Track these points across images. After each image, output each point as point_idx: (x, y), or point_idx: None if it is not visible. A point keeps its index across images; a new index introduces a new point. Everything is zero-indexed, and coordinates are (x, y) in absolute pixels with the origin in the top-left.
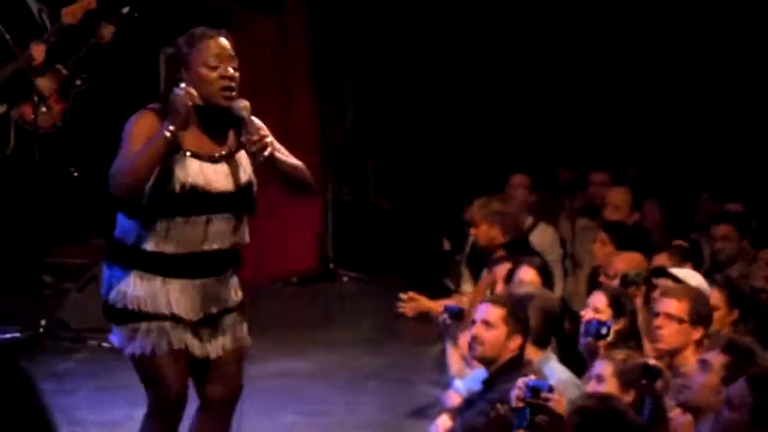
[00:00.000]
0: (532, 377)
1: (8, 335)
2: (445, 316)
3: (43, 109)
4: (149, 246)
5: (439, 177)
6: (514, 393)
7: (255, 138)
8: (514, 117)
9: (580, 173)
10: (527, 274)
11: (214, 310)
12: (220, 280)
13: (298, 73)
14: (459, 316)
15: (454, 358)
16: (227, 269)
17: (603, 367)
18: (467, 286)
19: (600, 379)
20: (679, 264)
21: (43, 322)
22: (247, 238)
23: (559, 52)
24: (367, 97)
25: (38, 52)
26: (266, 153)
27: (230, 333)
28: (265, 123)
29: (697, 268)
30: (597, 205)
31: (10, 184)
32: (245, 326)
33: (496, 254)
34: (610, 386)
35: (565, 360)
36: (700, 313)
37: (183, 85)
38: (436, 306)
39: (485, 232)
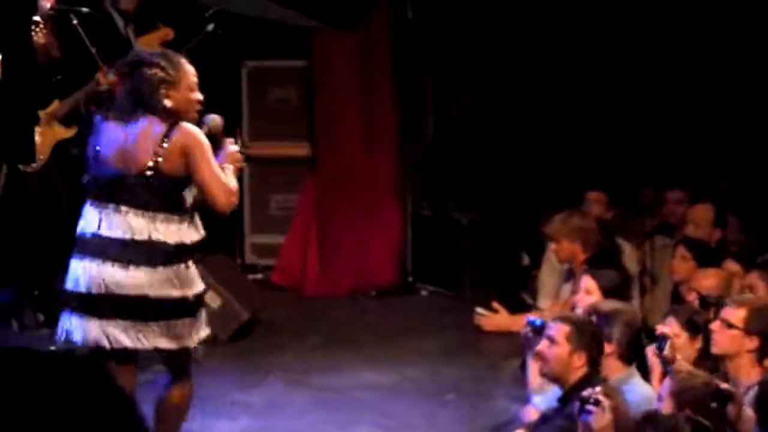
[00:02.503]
0: (598, 389)
1: None
2: (528, 329)
3: None
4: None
5: (518, 191)
6: (575, 406)
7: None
8: (597, 131)
9: (663, 192)
10: (586, 283)
11: None
12: None
13: (379, 85)
14: (541, 331)
15: (534, 373)
16: None
17: (666, 385)
18: (544, 302)
19: (660, 398)
20: None
21: None
22: None
23: (649, 69)
24: (448, 110)
25: (102, 75)
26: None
27: None
28: (348, 133)
29: None
30: (672, 222)
31: None
32: None
33: (579, 269)
34: (666, 405)
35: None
36: (757, 324)
37: (168, 102)
38: (514, 322)
39: (566, 248)
